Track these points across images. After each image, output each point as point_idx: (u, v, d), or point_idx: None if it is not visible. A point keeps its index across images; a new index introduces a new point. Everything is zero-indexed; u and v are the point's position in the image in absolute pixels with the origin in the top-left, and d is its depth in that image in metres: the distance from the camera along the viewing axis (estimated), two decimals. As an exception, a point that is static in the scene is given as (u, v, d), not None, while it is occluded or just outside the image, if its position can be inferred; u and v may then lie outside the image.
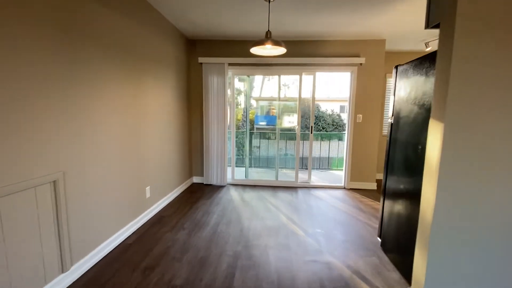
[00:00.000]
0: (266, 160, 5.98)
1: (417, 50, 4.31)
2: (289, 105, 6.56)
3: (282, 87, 22.45)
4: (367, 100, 4.00)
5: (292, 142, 6.08)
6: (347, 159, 4.13)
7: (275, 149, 5.89)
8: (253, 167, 5.82)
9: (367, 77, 3.95)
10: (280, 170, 5.65)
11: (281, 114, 6.41)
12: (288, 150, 6.11)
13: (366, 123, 4.04)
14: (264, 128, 6.70)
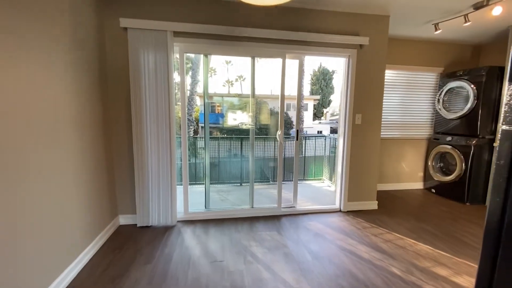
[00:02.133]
0: (229, 172, 4.60)
1: (423, 37, 3.57)
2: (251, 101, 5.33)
3: (238, 79, 20.94)
4: (368, 95, 3.04)
5: (260, 148, 4.85)
6: (344, 173, 3.11)
7: (244, 159, 4.58)
8: (214, 184, 4.38)
9: (368, 64, 2.99)
10: (246, 186, 4.36)
11: (257, 114, 5.12)
12: (257, 161, 4.85)
13: (366, 125, 3.09)
14: (229, 129, 5.33)
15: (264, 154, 5.08)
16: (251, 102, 2.97)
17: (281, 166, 3.02)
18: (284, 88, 2.87)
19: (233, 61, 24.66)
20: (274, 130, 11.70)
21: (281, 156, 3.00)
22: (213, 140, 4.79)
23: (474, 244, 2.39)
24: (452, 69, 3.92)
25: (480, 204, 3.43)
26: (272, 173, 4.76)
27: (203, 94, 3.00)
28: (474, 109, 3.33)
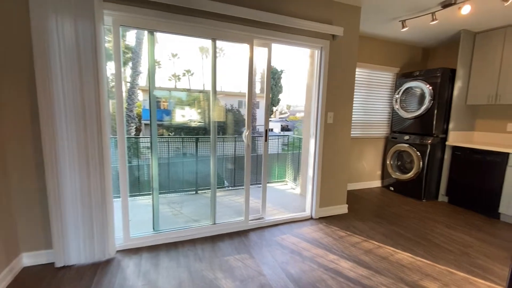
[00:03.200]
0: (182, 179, 3.93)
1: (383, 35, 3.50)
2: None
3: (186, 73, 19.65)
4: (340, 92, 2.81)
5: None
6: (316, 177, 2.84)
7: (200, 161, 3.98)
8: (164, 193, 3.66)
9: (341, 58, 2.75)
10: (203, 194, 3.80)
11: (211, 111, 4.53)
12: (200, 164, 4.28)
13: (338, 124, 2.86)
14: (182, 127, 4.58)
15: (219, 156, 4.57)
16: (212, 98, 2.43)
17: (249, 172, 2.57)
18: (252, 82, 2.42)
19: (180, 54, 23.03)
20: (232, 129, 11.08)
21: (249, 160, 2.55)
22: (162, 141, 4.05)
23: (446, 245, 2.36)
24: (405, 70, 4.04)
25: (433, 200, 3.59)
26: (232, 178, 4.27)
27: (148, 85, 2.33)
28: (430, 109, 3.43)
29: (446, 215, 3.09)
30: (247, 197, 2.57)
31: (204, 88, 20.76)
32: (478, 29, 3.25)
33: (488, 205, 3.01)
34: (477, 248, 2.33)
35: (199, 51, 20.84)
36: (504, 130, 3.33)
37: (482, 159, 3.06)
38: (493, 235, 2.60)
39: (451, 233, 2.62)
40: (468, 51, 3.35)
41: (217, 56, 2.40)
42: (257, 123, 17.74)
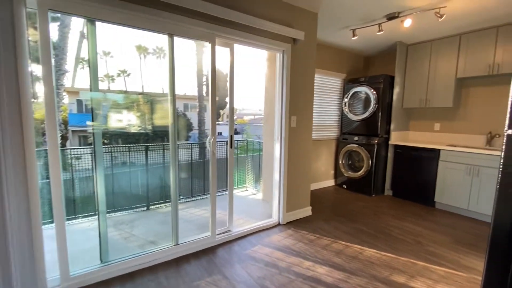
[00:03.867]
0: (130, 193, 3.41)
1: (334, 43, 3.67)
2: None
3: (121, 74, 17.67)
4: (301, 96, 2.83)
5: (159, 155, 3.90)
6: (282, 182, 2.78)
7: (151, 172, 3.52)
8: (110, 213, 3.08)
9: (301, 62, 2.77)
10: (156, 210, 3.38)
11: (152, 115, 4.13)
12: (151, 176, 3.85)
13: (301, 128, 2.87)
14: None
15: (165, 163, 4.16)
16: (170, 100, 2.13)
17: (215, 181, 2.35)
18: (215, 84, 2.22)
19: (113, 53, 20.73)
20: (180, 134, 10.35)
21: (215, 168, 2.33)
22: (105, 151, 3.45)
23: (401, 237, 2.57)
24: (351, 76, 4.37)
25: (381, 195, 3.95)
26: (188, 188, 3.92)
27: (89, 85, 1.90)
28: (375, 112, 3.77)
29: (394, 207, 3.41)
30: (214, 209, 2.34)
31: (143, 90, 19.09)
32: (410, 42, 3.71)
33: (426, 196, 3.44)
34: (426, 236, 2.60)
35: (136, 50, 19.13)
36: (432, 129, 3.88)
37: (419, 156, 3.49)
38: (433, 221, 2.95)
39: (402, 224, 2.88)
40: (403, 61, 3.80)
41: (161, 57, 2.12)
42: (206, 127, 17.22)
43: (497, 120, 3.21)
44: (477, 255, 2.25)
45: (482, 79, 3.28)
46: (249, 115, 25.06)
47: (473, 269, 2.03)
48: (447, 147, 3.23)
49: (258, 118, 25.01)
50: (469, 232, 2.68)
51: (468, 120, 3.48)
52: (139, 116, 10.97)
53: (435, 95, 3.53)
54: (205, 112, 20.89)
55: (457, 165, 3.12)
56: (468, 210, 3.06)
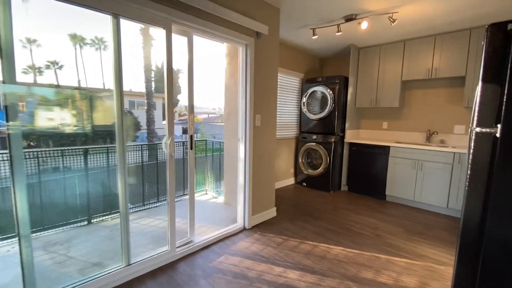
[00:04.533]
0: (63, 206, 2.82)
1: (294, 42, 3.63)
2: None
3: (51, 66, 15.56)
4: (266, 94, 2.72)
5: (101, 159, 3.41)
6: (247, 184, 2.63)
7: (93, 178, 3.01)
8: (37, 232, 2.49)
9: (265, 58, 2.66)
10: (101, 224, 2.91)
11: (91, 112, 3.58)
12: (93, 183, 3.33)
13: (265, 127, 2.76)
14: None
15: (110, 167, 3.66)
16: (117, 96, 1.78)
17: (173, 188, 2.07)
18: (171, 77, 1.94)
19: (40, 41, 17.88)
20: (132, 134, 9.37)
21: (173, 173, 2.05)
22: (30, 156, 2.79)
23: (362, 231, 2.67)
24: (308, 76, 4.46)
25: (338, 191, 4.11)
26: (139, 195, 3.48)
27: (1, 76, 1.45)
28: (332, 111, 3.90)
29: (351, 202, 3.57)
30: (172, 219, 2.06)
31: (80, 85, 16.84)
32: (361, 45, 3.93)
33: (378, 189, 3.69)
34: (382, 228, 2.75)
35: (71, 40, 16.77)
36: (381, 127, 4.19)
37: (371, 152, 3.73)
38: (386, 214, 3.17)
39: (360, 218, 3.01)
40: (356, 63, 4.01)
41: (100, 48, 1.78)
42: (156, 126, 16.03)
43: (434, 119, 3.61)
44: (427, 243, 2.45)
45: (422, 82, 3.65)
46: (203, 114, 24.34)
47: (427, 257, 2.20)
48: (395, 143, 3.51)
49: (212, 117, 24.46)
50: (417, 222, 2.93)
51: (411, 119, 3.85)
52: (76, 114, 9.59)
53: (384, 96, 3.81)
54: (155, 111, 19.45)
55: (404, 160, 3.41)
56: (414, 201, 3.37)
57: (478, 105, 1.14)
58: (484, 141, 1.12)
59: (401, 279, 1.89)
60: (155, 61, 20.21)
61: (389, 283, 1.85)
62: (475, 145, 1.15)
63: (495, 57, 1.08)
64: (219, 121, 22.19)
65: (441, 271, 1.99)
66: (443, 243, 2.44)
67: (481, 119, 1.13)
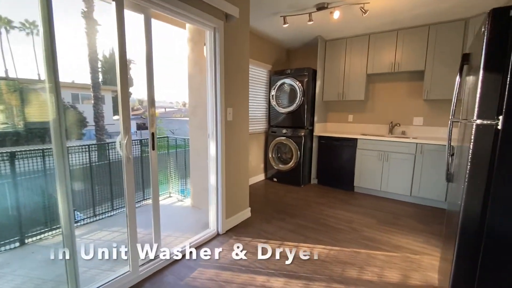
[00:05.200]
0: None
1: (262, 31, 3.39)
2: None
3: None
4: (237, 85, 2.46)
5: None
6: (220, 185, 2.37)
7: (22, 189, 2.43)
8: None
9: (236, 46, 2.39)
10: (38, 244, 2.38)
11: None
12: (23, 193, 2.74)
13: (237, 121, 2.52)
14: None
15: (48, 171, 3.06)
16: (50, 87, 1.36)
17: (132, 196, 1.72)
18: (126, 64, 1.58)
19: None
20: (76, 132, 8.19)
21: (131, 179, 1.70)
22: None
23: (338, 226, 2.64)
24: (276, 68, 4.31)
25: (308, 184, 4.09)
26: (88, 204, 2.95)
27: None
28: (302, 105, 3.82)
29: (322, 196, 3.56)
30: (133, 231, 1.72)
31: (7, 75, 14.38)
32: (328, 38, 3.90)
33: (346, 181, 3.75)
34: (356, 221, 2.77)
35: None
36: (346, 120, 4.27)
37: (340, 145, 3.76)
38: (357, 205, 3.22)
39: (334, 212, 2.99)
40: (323, 55, 3.98)
41: (33, 33, 1.36)
42: (106, 122, 14.45)
43: (396, 111, 3.78)
44: (399, 232, 2.51)
45: (386, 76, 3.78)
46: (160, 108, 22.86)
47: (402, 248, 2.24)
48: (362, 136, 3.58)
49: (170, 112, 23.12)
50: (386, 212, 3.03)
51: (375, 111, 3.98)
52: (4, 109, 8.08)
53: (350, 89, 3.85)
54: (103, 105, 17.59)
55: (371, 152, 3.50)
56: (381, 190, 3.50)
57: (479, 96, 1.08)
58: (485, 134, 1.07)
59: (385, 274, 1.87)
60: (102, 49, 17.94)
61: (374, 280, 1.81)
62: (476, 138, 1.09)
63: (497, 44, 1.02)
64: (177, 115, 21.05)
65: (418, 261, 2.03)
66: (413, 231, 2.53)
67: (482, 111, 1.07)
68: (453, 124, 1.54)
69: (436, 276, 1.83)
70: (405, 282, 1.79)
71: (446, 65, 3.11)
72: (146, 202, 3.30)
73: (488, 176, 1.08)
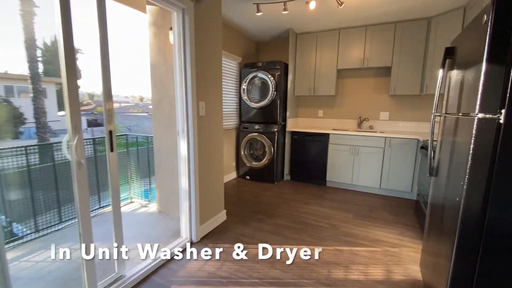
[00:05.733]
0: None
1: (232, 21, 3.12)
2: None
3: None
4: (209, 76, 2.21)
5: None
6: (192, 189, 2.12)
7: None
8: None
9: (207, 31, 2.14)
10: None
11: None
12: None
13: (210, 116, 2.27)
14: None
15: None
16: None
17: (86, 206, 1.39)
18: (73, 46, 1.24)
19: None
20: (10, 130, 6.96)
21: (85, 188, 1.37)
22: None
23: (318, 223, 2.58)
24: (246, 60, 4.11)
25: (282, 181, 4.02)
26: (27, 217, 2.43)
27: None
28: (274, 99, 3.70)
29: (297, 192, 3.51)
30: (88, 249, 1.40)
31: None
32: (299, 31, 3.82)
33: (319, 176, 3.75)
34: (334, 216, 2.75)
35: None
36: (317, 115, 4.27)
37: (312, 140, 3.73)
38: (332, 200, 3.22)
39: (311, 208, 2.94)
40: (294, 49, 3.89)
41: None
42: (49, 119, 12.69)
43: (364, 106, 3.87)
44: (375, 225, 2.55)
45: (355, 71, 3.84)
46: (114, 103, 20.96)
47: (381, 241, 2.25)
48: (334, 131, 3.60)
49: (125, 107, 21.36)
50: (360, 205, 3.07)
51: (344, 106, 4.04)
52: None
53: (321, 84, 3.84)
54: (45, 99, 15.46)
55: (343, 146, 3.53)
56: (352, 184, 3.57)
57: (481, 89, 1.03)
58: (487, 128, 1.03)
59: (370, 272, 1.84)
60: (42, 36, 15.68)
61: (361, 279, 1.77)
62: (477, 133, 1.05)
63: (502, 35, 0.97)
64: (134, 110, 19.53)
65: (398, 254, 2.06)
66: (387, 224, 2.59)
67: (484, 104, 1.03)
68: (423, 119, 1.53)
69: (418, 268, 1.86)
70: (390, 278, 1.78)
71: (411, 62, 3.25)
72: (103, 210, 2.87)
73: (489, 172, 1.04)
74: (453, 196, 1.21)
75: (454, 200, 1.19)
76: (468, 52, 1.24)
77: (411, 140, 3.13)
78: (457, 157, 1.22)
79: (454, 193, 1.20)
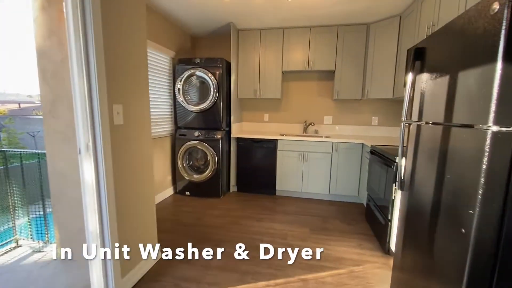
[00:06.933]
0: None
1: (166, 10, 2.50)
2: None
3: None
4: (128, 68, 1.60)
5: None
6: (107, 229, 1.47)
7: None
8: None
9: (125, 6, 1.53)
10: None
11: None
12: None
13: (132, 125, 1.66)
14: None
15: None
16: None
17: None
18: None
19: None
20: None
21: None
22: None
23: (274, 245, 2.19)
24: (180, 55, 3.52)
25: (228, 193, 3.56)
26: None
27: None
28: (216, 102, 3.22)
29: (246, 206, 3.12)
30: None
31: None
32: (241, 27, 3.45)
33: (268, 185, 3.46)
34: (290, 234, 2.46)
35: None
36: (262, 120, 3.98)
37: (260, 147, 3.41)
38: (284, 212, 2.95)
39: (264, 226, 2.60)
40: (236, 46, 3.50)
41: None
42: None
43: (309, 110, 3.76)
44: (333, 240, 2.36)
45: (299, 74, 3.69)
46: (11, 103, 16.74)
47: (343, 260, 2.05)
48: (282, 136, 3.36)
49: (28, 108, 17.40)
50: (313, 215, 2.88)
51: (289, 110, 3.86)
52: None
53: (267, 87, 3.55)
54: None
55: (291, 153, 3.32)
56: (302, 192, 3.38)
57: (496, 97, 0.82)
58: (504, 145, 0.82)
59: (342, 305, 1.57)
60: None
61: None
62: (491, 148, 0.84)
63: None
64: (39, 113, 15.92)
65: (364, 274, 1.87)
66: (343, 235, 2.44)
67: (500, 115, 0.82)
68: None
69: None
70: (364, 309, 1.55)
71: (353, 66, 3.25)
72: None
73: (504, 200, 0.84)
74: (453, 226, 0.99)
75: (456, 230, 0.97)
76: (458, 51, 1.05)
77: (356, 144, 3.12)
78: (456, 176, 1.01)
79: (455, 222, 0.98)
